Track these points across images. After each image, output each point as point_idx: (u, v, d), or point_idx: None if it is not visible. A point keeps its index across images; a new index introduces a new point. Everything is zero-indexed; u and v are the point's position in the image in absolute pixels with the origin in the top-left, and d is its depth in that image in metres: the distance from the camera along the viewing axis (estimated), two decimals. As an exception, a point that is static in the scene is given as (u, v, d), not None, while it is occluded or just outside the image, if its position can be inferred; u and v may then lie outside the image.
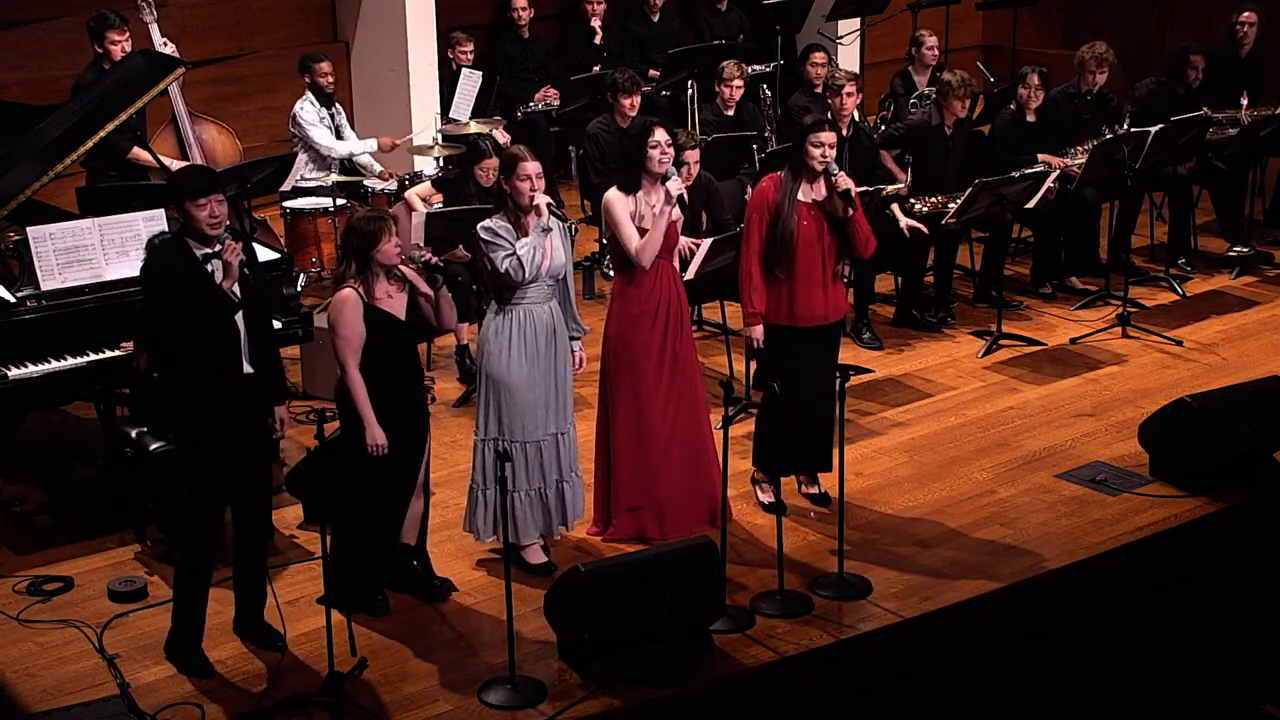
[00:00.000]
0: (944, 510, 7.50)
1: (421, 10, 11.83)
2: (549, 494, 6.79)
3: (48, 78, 10.62)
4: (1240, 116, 10.57)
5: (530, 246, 6.54)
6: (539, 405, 6.68)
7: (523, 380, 6.63)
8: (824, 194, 7.11)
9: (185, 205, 5.97)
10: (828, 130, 7.05)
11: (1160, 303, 10.14)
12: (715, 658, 6.30)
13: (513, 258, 6.53)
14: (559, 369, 6.73)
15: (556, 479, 6.80)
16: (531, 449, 6.70)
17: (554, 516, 6.85)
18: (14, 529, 7.32)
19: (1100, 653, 6.98)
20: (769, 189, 7.13)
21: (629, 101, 9.94)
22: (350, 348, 6.21)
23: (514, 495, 6.70)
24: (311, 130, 10.38)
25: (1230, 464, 7.62)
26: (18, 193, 7.50)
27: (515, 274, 6.54)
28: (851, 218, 7.13)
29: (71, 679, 6.16)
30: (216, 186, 6.02)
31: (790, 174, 7.11)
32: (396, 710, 5.96)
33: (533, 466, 6.73)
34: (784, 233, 7.03)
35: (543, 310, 6.66)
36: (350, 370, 6.22)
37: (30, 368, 7.02)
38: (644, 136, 6.91)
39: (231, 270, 5.95)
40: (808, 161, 7.05)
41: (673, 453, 7.06)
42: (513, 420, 6.66)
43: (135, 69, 8.24)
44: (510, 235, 6.56)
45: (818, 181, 7.11)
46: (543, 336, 6.65)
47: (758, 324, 7.14)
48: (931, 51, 11.51)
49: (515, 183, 6.55)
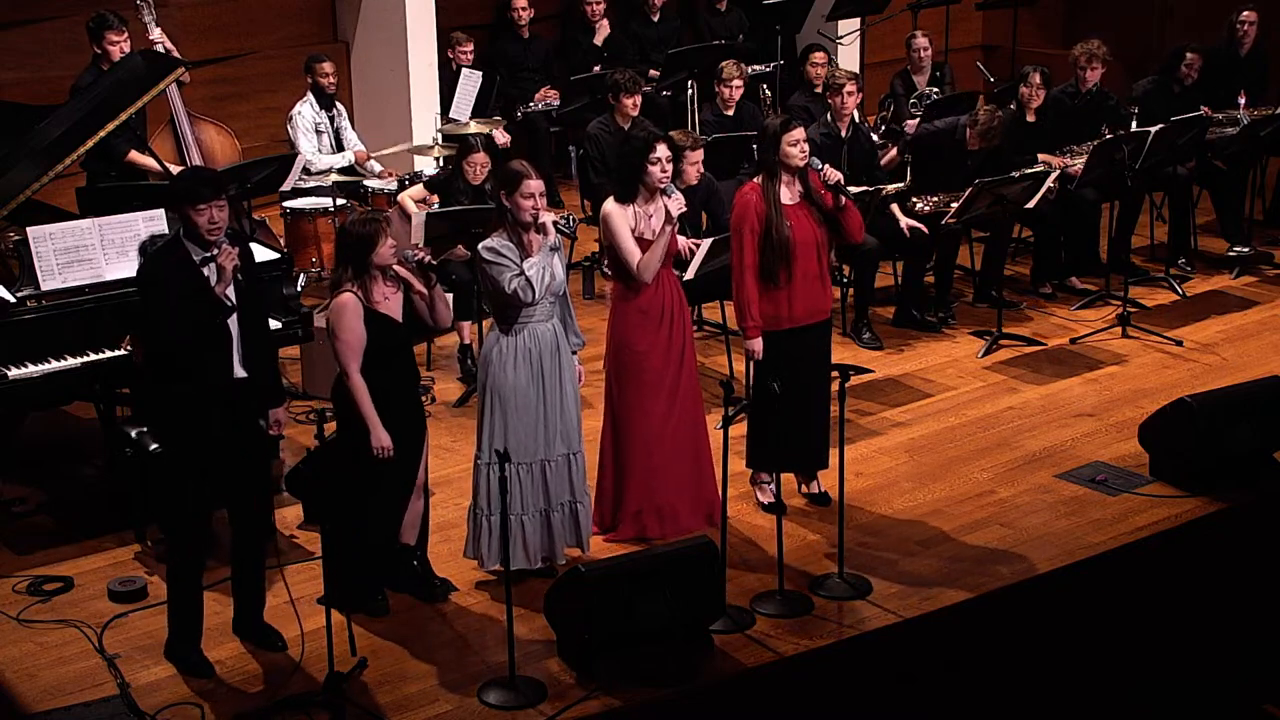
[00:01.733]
0: (944, 510, 7.50)
1: (421, 10, 11.83)
2: (555, 516, 6.70)
3: (48, 78, 10.62)
4: (1240, 116, 10.57)
5: (539, 267, 6.42)
6: (544, 425, 6.60)
7: (529, 401, 6.54)
8: (803, 187, 7.10)
9: (186, 210, 5.96)
10: (797, 127, 7.04)
11: (1160, 303, 10.14)
12: (715, 658, 6.30)
13: (521, 278, 6.39)
14: (565, 388, 6.63)
15: (568, 500, 6.72)
16: (537, 469, 6.63)
17: (560, 538, 6.74)
18: (14, 529, 7.32)
19: (1100, 653, 6.98)
20: (753, 200, 7.08)
21: (630, 101, 9.94)
22: (352, 351, 6.21)
23: (521, 517, 6.62)
24: (300, 137, 10.38)
25: (1230, 464, 7.62)
26: (18, 193, 7.50)
27: (524, 294, 6.41)
28: (844, 207, 7.12)
29: (71, 679, 6.17)
30: (218, 192, 6.01)
31: (767, 179, 7.09)
32: (396, 710, 5.96)
33: (538, 488, 6.64)
34: (779, 240, 7.01)
35: (546, 329, 6.57)
36: (353, 374, 6.21)
37: (30, 368, 7.02)
38: (646, 151, 6.85)
39: (225, 275, 5.94)
40: (787, 162, 7.03)
41: (677, 455, 7.06)
42: (519, 441, 6.55)
43: (135, 69, 8.24)
44: (513, 254, 6.43)
45: (795, 179, 7.10)
46: (547, 355, 6.56)
47: (758, 336, 7.12)
48: (918, 53, 11.52)
49: (518, 199, 6.42)
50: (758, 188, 7.11)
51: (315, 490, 6.99)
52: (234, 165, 9.07)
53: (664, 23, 12.95)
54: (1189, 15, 13.87)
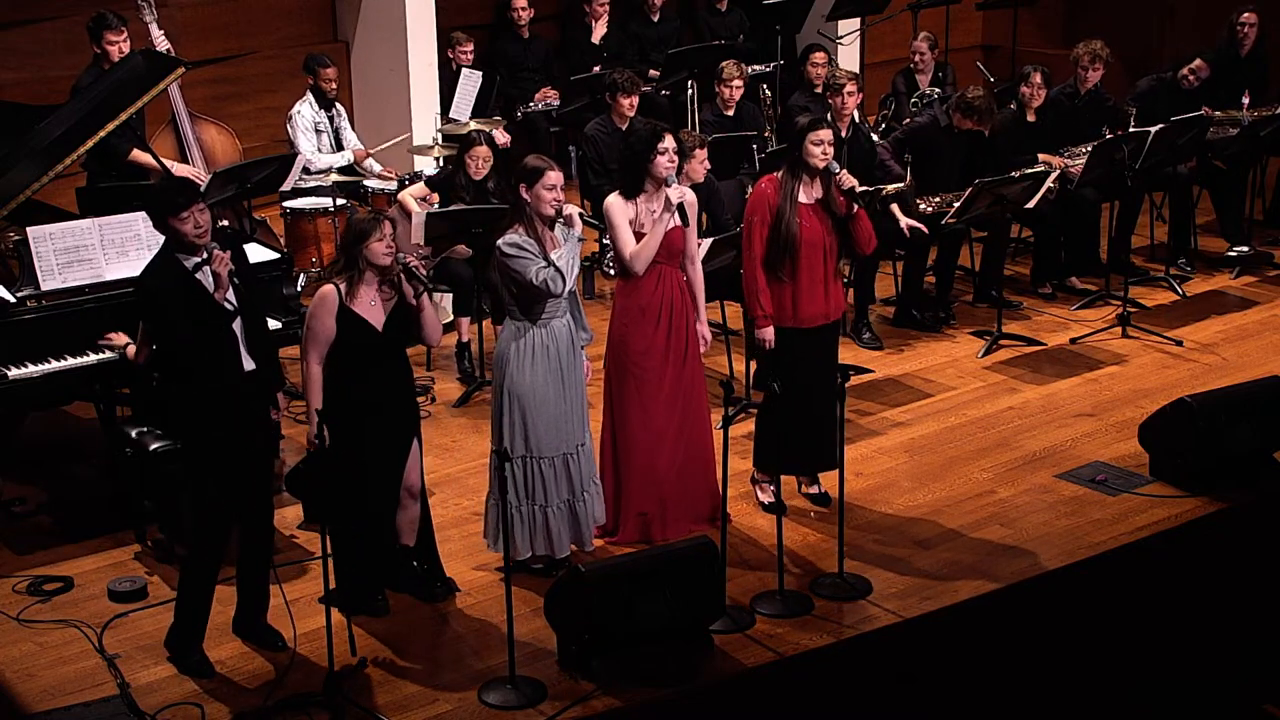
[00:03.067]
0: (944, 510, 7.50)
1: (421, 10, 11.83)
2: (579, 506, 6.73)
3: (48, 78, 10.62)
4: (1241, 116, 10.57)
5: (568, 256, 6.42)
6: (564, 419, 6.62)
7: (548, 396, 6.55)
8: (822, 192, 7.11)
9: (169, 223, 5.95)
10: (825, 128, 7.04)
11: (1160, 303, 10.14)
12: (715, 658, 6.30)
13: (550, 269, 6.38)
14: (578, 381, 6.67)
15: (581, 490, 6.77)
16: (560, 462, 6.64)
17: (585, 526, 6.79)
18: (14, 529, 7.32)
19: (1100, 653, 6.98)
20: (768, 191, 7.11)
21: (628, 101, 9.94)
22: (315, 341, 6.19)
23: (547, 510, 6.65)
24: (300, 136, 10.38)
25: (1230, 464, 7.62)
26: (18, 193, 7.50)
27: (554, 285, 6.40)
28: (855, 215, 7.13)
29: (71, 679, 6.17)
30: (196, 197, 6.00)
31: (789, 175, 7.10)
32: (396, 710, 5.96)
33: (561, 479, 6.66)
34: (786, 235, 7.02)
35: (561, 324, 6.58)
36: (311, 363, 6.20)
37: (30, 368, 7.02)
38: (653, 142, 6.82)
39: (222, 280, 5.94)
40: (808, 161, 7.04)
41: (678, 455, 7.05)
42: (540, 437, 6.57)
43: (135, 69, 8.24)
44: (533, 248, 6.42)
45: (815, 181, 7.10)
46: (565, 351, 6.57)
47: (768, 325, 7.12)
48: (919, 58, 11.53)
49: (539, 191, 6.40)
50: (775, 181, 7.12)
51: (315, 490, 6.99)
52: (234, 165, 9.07)
53: (664, 22, 12.96)
54: (1189, 15, 13.86)
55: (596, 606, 6.08)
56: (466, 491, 7.60)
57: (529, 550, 6.71)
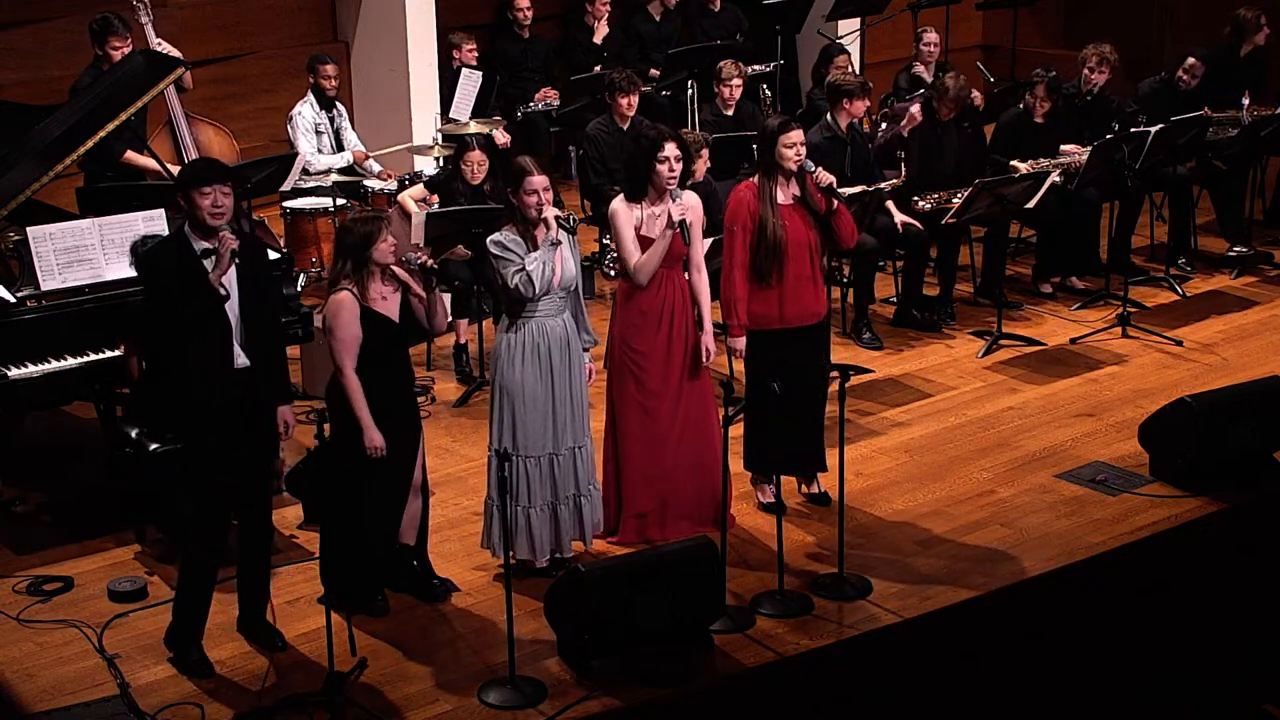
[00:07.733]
0: (944, 510, 7.50)
1: (421, 10, 11.83)
2: (562, 509, 6.71)
3: (48, 78, 10.62)
4: (1241, 116, 10.57)
5: (539, 262, 6.45)
6: (553, 419, 6.62)
7: (536, 394, 6.57)
8: (799, 190, 7.10)
9: (190, 193, 5.97)
10: (796, 129, 7.03)
11: (1160, 303, 10.14)
12: (715, 658, 6.30)
13: (522, 274, 6.44)
14: (573, 382, 6.66)
15: (574, 493, 6.73)
16: (545, 463, 6.65)
17: (567, 531, 6.76)
18: (14, 529, 7.32)
19: (1100, 653, 6.98)
20: (747, 197, 7.07)
21: (626, 101, 9.94)
22: (347, 350, 6.21)
23: (529, 510, 6.65)
24: (300, 137, 10.38)
25: (1230, 464, 7.62)
26: (18, 193, 7.50)
27: (525, 290, 6.46)
28: (835, 210, 7.11)
29: (71, 679, 6.17)
30: (225, 178, 6.03)
31: (764, 178, 7.08)
32: (396, 710, 5.96)
33: (545, 481, 6.66)
34: (773, 240, 7.00)
35: (555, 323, 6.60)
36: (347, 372, 6.22)
37: (30, 368, 7.02)
38: (654, 150, 6.80)
39: (222, 262, 5.94)
40: (781, 163, 7.03)
41: (680, 457, 7.03)
42: (526, 435, 6.59)
43: (135, 69, 8.23)
44: (519, 248, 6.48)
45: (791, 180, 7.09)
46: (556, 350, 6.59)
47: (742, 335, 7.11)
48: (928, 49, 11.54)
49: (522, 196, 6.47)
50: (753, 186, 7.10)
51: (315, 490, 6.99)
52: (234, 165, 9.06)
53: (665, 22, 12.95)
54: (1189, 15, 13.86)
55: (596, 606, 6.08)
56: (466, 491, 7.60)
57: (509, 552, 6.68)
